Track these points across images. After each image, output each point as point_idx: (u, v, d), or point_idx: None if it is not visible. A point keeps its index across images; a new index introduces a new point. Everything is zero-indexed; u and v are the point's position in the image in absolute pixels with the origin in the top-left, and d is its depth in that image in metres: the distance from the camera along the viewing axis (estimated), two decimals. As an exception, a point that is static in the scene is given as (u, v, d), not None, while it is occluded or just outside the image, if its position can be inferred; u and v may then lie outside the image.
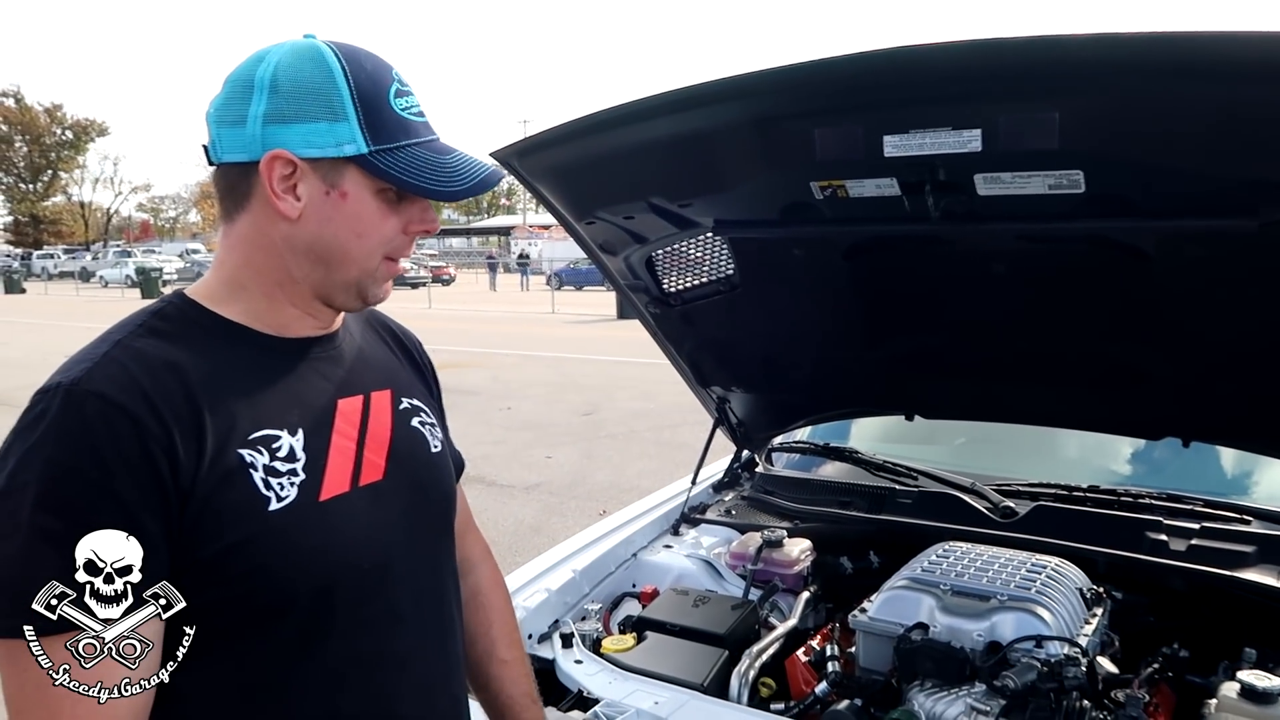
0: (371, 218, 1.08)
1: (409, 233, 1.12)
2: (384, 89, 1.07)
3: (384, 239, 1.10)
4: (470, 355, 14.40)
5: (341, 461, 1.09)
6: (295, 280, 1.10)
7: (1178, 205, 1.69)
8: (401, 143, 1.07)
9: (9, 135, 63.14)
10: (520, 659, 1.45)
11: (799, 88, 1.73)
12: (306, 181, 1.05)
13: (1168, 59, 1.45)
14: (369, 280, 1.12)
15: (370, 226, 1.08)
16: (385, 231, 1.10)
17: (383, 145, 1.06)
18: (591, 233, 2.33)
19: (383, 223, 1.09)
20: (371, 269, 1.11)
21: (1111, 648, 1.93)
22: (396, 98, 1.08)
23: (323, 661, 1.05)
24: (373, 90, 1.06)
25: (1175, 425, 2.26)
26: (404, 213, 1.11)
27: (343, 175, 1.06)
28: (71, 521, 0.91)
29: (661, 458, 7.70)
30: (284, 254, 1.08)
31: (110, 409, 0.94)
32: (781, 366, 2.66)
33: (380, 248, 1.10)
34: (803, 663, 2.03)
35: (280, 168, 1.04)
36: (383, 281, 1.13)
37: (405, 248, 1.13)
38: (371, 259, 1.10)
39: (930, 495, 2.50)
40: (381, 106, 1.06)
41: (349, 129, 1.04)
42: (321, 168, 1.05)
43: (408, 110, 1.09)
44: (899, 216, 1.86)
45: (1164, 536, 2.16)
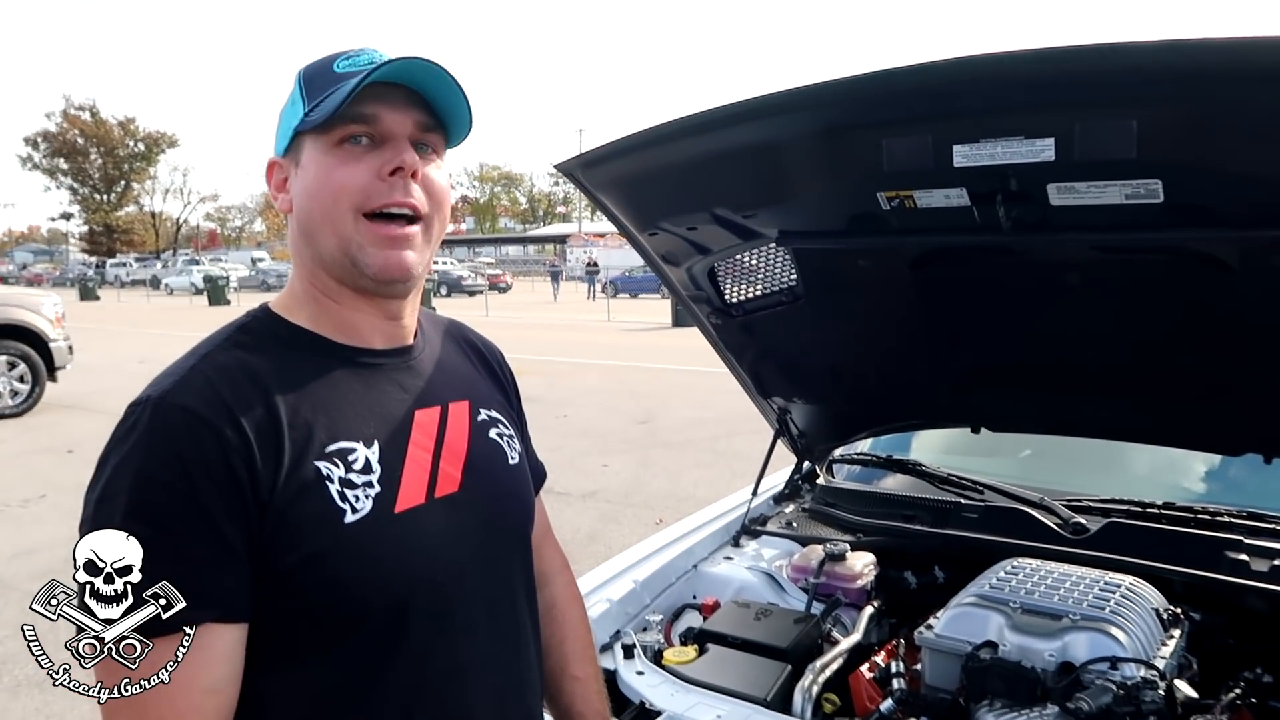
0: (321, 173, 1.08)
1: (382, 176, 1.07)
2: (330, 61, 1.11)
3: (339, 190, 1.07)
4: (526, 362, 14.50)
5: (417, 473, 1.10)
6: (313, 271, 1.13)
7: (1262, 214, 1.63)
8: (327, 93, 1.07)
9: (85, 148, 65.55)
10: (594, 676, 1.45)
11: (866, 98, 1.72)
12: (288, 174, 1.12)
13: (1247, 64, 1.41)
14: (352, 246, 1.08)
15: (320, 181, 1.08)
16: (337, 181, 1.07)
17: (313, 104, 1.08)
18: (654, 244, 2.33)
19: (329, 173, 1.07)
20: (345, 230, 1.07)
21: (1190, 671, 1.86)
22: (343, 60, 1.10)
23: (398, 673, 1.06)
24: (319, 67, 1.11)
25: (1256, 441, 2.18)
26: (374, 159, 1.07)
27: (301, 149, 1.10)
28: (159, 529, 0.94)
29: (718, 466, 7.68)
30: (301, 249, 1.13)
31: (194, 421, 0.97)
32: (844, 378, 2.63)
33: (339, 200, 1.07)
34: (867, 679, 2.00)
35: (275, 173, 1.14)
36: (371, 247, 1.08)
37: (377, 196, 1.07)
38: (336, 217, 1.07)
39: (997, 510, 2.45)
40: (323, 74, 1.10)
41: (296, 110, 1.10)
42: (292, 155, 1.11)
43: (352, 65, 1.10)
44: (968, 227, 1.83)
45: (1244, 556, 2.09)
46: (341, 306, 1.13)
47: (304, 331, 1.11)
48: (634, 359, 15.58)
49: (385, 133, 1.08)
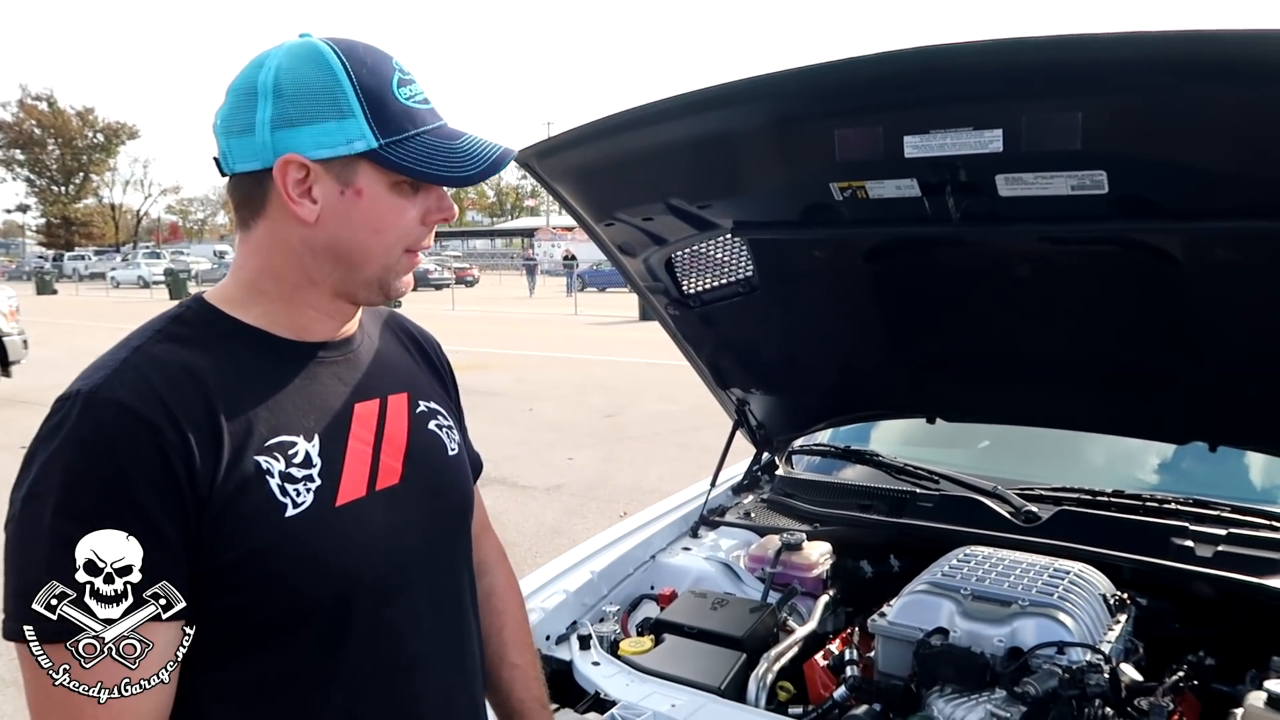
0: (388, 212, 1.07)
1: (427, 223, 1.11)
2: (386, 80, 1.06)
3: (402, 232, 1.09)
4: (493, 356, 14.45)
5: (357, 466, 1.09)
6: (315, 282, 1.10)
7: (1205, 207, 1.66)
8: (410, 132, 1.06)
9: (42, 138, 64.12)
10: (531, 663, 1.45)
11: (818, 88, 1.72)
12: (321, 183, 1.04)
13: (1191, 58, 1.43)
14: (390, 275, 1.11)
15: (388, 221, 1.07)
16: (403, 224, 1.09)
17: (392, 137, 1.04)
18: (611, 234, 2.32)
19: (400, 216, 1.08)
20: (392, 264, 1.10)
21: (1136, 655, 1.90)
22: (400, 87, 1.07)
23: (344, 666, 1.05)
24: (375, 83, 1.05)
25: (1202, 429, 2.23)
26: (420, 203, 1.10)
27: (356, 172, 1.05)
28: (92, 528, 0.91)
29: (683, 460, 7.69)
30: (303, 257, 1.08)
31: (128, 416, 0.94)
32: (801, 369, 2.64)
33: (400, 241, 1.09)
34: (821, 667, 2.01)
35: (294, 172, 1.03)
36: (403, 274, 1.12)
37: (424, 238, 1.12)
38: (392, 254, 1.09)
39: (952, 499, 2.47)
40: (386, 98, 1.05)
41: (357, 125, 1.03)
42: (334, 167, 1.04)
43: (412, 99, 1.08)
44: (920, 218, 1.84)
45: (1190, 542, 2.13)
46: (304, 306, 1.11)
47: (243, 325, 1.09)
48: (601, 353, 15.55)
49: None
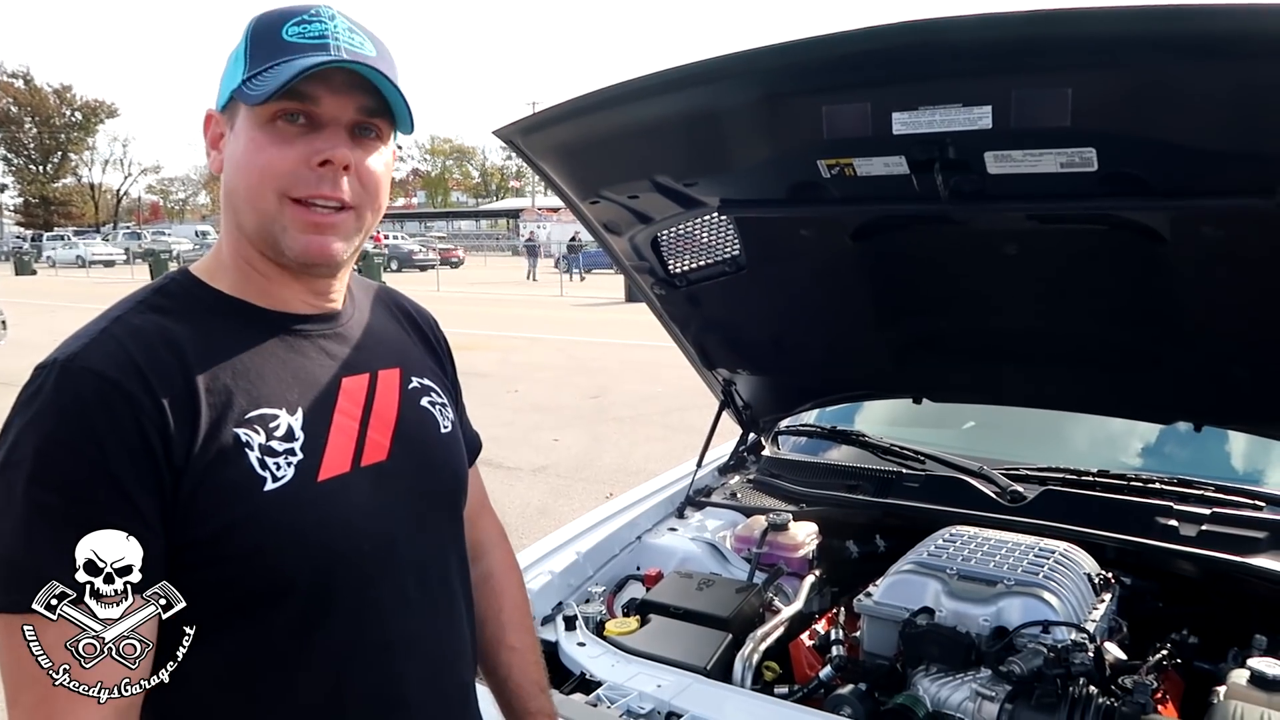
0: (248, 149, 1.03)
1: (311, 165, 1.02)
2: (281, 21, 1.04)
3: (264, 170, 1.02)
4: (478, 338, 14.39)
5: (342, 442, 1.07)
6: (238, 239, 1.08)
7: (1193, 185, 1.65)
8: (271, 64, 1.01)
9: (18, 117, 63.32)
10: (531, 646, 1.43)
11: (806, 63, 1.70)
12: (224, 132, 1.07)
13: (1181, 33, 1.41)
14: (274, 226, 1.03)
15: (247, 158, 1.03)
16: (263, 162, 1.02)
17: (254, 71, 1.02)
18: (596, 212, 2.30)
19: (258, 153, 1.02)
20: (269, 210, 1.03)
21: (1120, 634, 1.91)
22: (293, 25, 1.03)
23: (326, 644, 1.04)
24: (267, 25, 1.04)
25: (1187, 409, 2.23)
26: (303, 144, 1.02)
27: (237, 114, 1.05)
28: (66, 497, 0.90)
29: (669, 441, 7.69)
30: (226, 212, 1.09)
31: (104, 385, 0.94)
32: (788, 348, 2.63)
33: (264, 181, 1.02)
34: (807, 647, 2.02)
35: (213, 127, 1.08)
36: (294, 230, 1.03)
37: (304, 184, 1.02)
38: (259, 196, 1.02)
39: (937, 479, 2.48)
40: (270, 37, 1.03)
41: (240, 69, 1.04)
42: (228, 114, 1.06)
43: (301, 35, 1.03)
44: (908, 196, 1.83)
45: (1174, 522, 2.14)
46: (267, 277, 1.09)
47: (227, 297, 1.08)
48: (587, 334, 15.53)
49: (324, 115, 1.03)
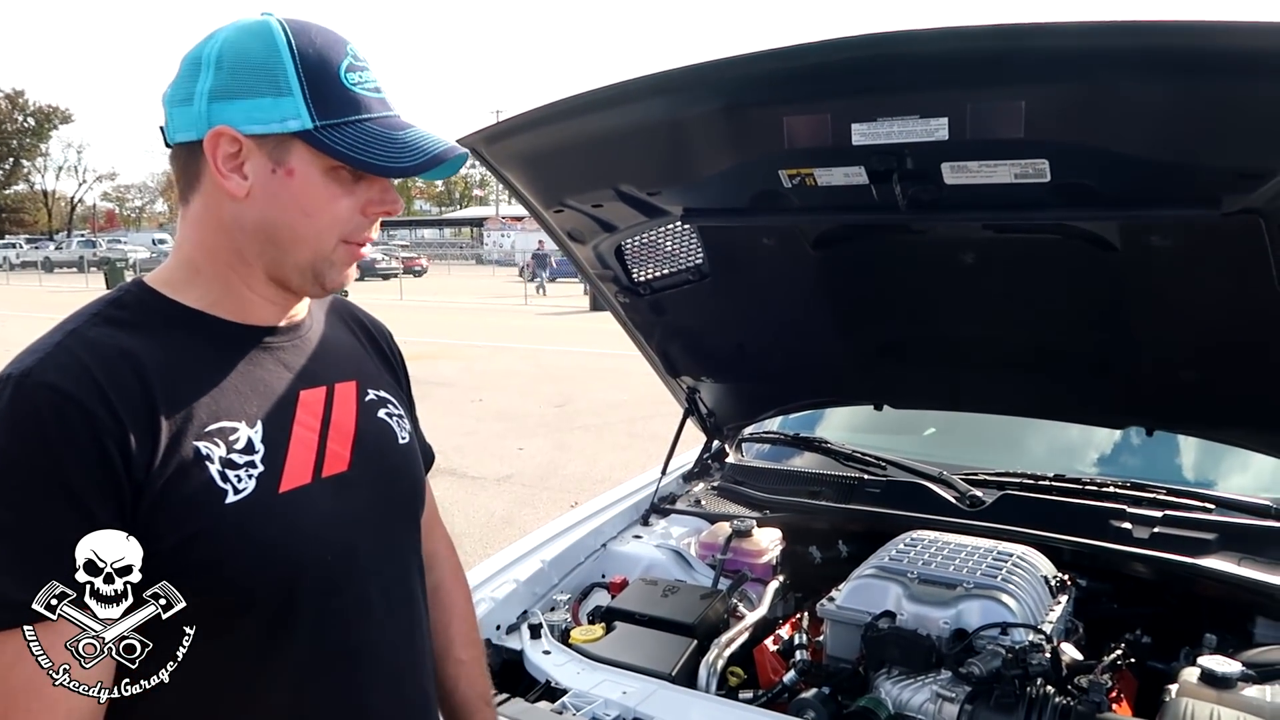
0: (319, 196, 1.05)
1: (368, 214, 1.08)
2: (334, 63, 1.04)
3: (335, 219, 1.06)
4: (442, 346, 14.30)
5: (303, 453, 1.07)
6: (248, 262, 1.07)
7: (1141, 195, 1.70)
8: (350, 118, 1.04)
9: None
10: (477, 659, 1.43)
11: (767, 74, 1.72)
12: (253, 159, 1.02)
13: (1129, 49, 1.46)
14: (323, 264, 1.08)
15: (318, 205, 1.05)
16: (336, 212, 1.06)
17: (330, 120, 1.02)
18: (560, 221, 2.31)
19: (332, 202, 1.05)
20: (325, 251, 1.07)
21: (1076, 634, 1.94)
22: (348, 72, 1.05)
23: (291, 654, 1.04)
24: (320, 64, 1.03)
25: (1140, 414, 2.28)
26: (360, 193, 1.07)
27: (289, 152, 1.02)
28: (22, 514, 0.89)
29: (634, 449, 7.69)
30: (234, 234, 1.06)
31: (61, 400, 0.92)
32: (751, 356, 2.65)
33: (332, 229, 1.06)
34: (771, 652, 2.03)
35: (225, 145, 1.01)
36: (341, 266, 1.09)
37: (363, 230, 1.09)
38: (323, 240, 1.06)
39: (899, 485, 2.51)
40: (330, 81, 1.03)
41: (293, 104, 1.01)
42: (267, 145, 1.02)
43: (360, 85, 1.05)
44: (867, 206, 1.86)
45: (1127, 525, 2.18)
46: (249, 291, 1.09)
47: (185, 309, 1.06)
48: (551, 342, 15.50)
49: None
